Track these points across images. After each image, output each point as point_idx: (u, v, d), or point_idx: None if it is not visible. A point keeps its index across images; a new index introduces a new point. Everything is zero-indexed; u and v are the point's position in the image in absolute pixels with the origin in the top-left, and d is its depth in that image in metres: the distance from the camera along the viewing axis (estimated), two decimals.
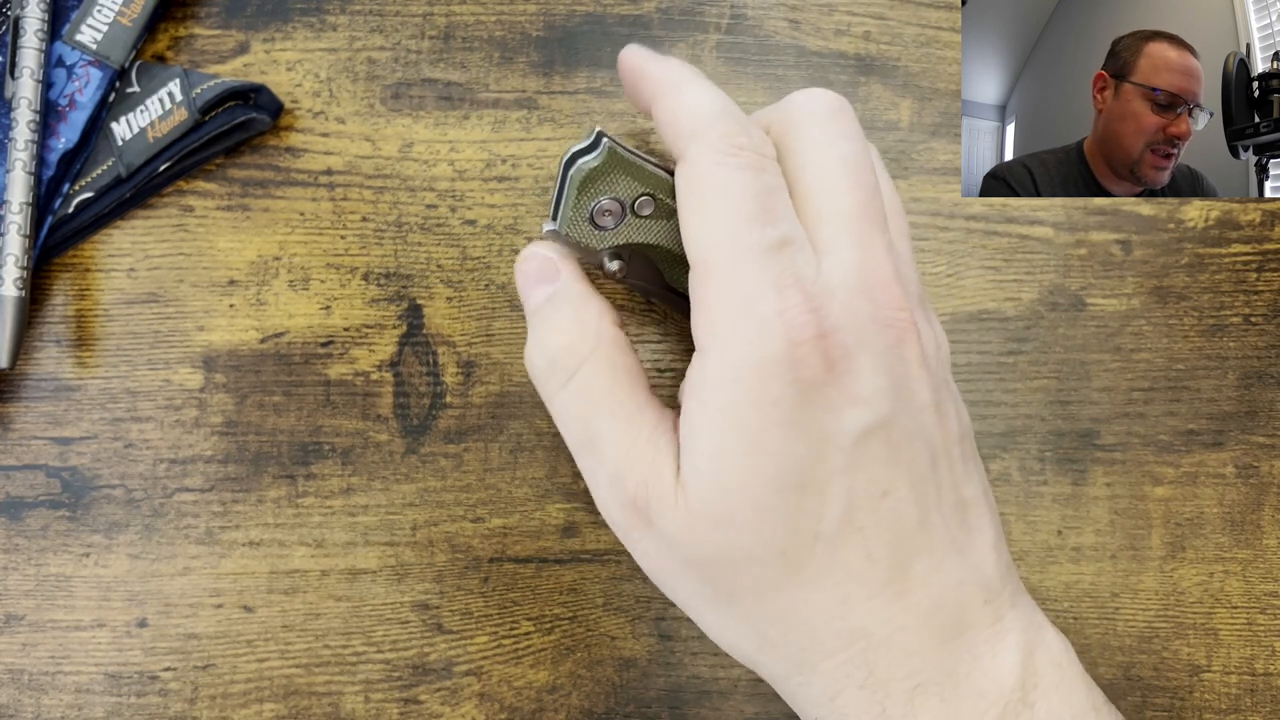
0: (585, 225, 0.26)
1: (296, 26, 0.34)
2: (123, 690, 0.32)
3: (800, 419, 0.23)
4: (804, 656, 0.24)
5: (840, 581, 0.24)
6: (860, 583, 0.24)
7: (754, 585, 0.24)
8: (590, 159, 0.25)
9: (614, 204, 0.26)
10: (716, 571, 0.24)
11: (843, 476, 0.23)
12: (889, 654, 0.24)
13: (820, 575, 0.24)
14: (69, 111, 0.32)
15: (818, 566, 0.24)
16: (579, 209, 0.26)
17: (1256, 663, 0.33)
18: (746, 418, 0.23)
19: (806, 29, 0.34)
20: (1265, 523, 0.33)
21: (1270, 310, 0.34)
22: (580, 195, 0.25)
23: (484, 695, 0.32)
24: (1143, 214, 0.34)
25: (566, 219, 0.26)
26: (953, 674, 0.24)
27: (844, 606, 0.24)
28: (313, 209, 0.33)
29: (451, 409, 0.33)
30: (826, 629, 0.24)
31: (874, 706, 0.24)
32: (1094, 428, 0.33)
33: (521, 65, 0.34)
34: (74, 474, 0.33)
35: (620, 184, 0.26)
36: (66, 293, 0.33)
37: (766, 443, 0.23)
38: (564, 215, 0.26)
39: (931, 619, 0.24)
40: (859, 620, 0.24)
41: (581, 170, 0.25)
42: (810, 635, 0.24)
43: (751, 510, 0.23)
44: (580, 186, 0.25)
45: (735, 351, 0.23)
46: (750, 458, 0.23)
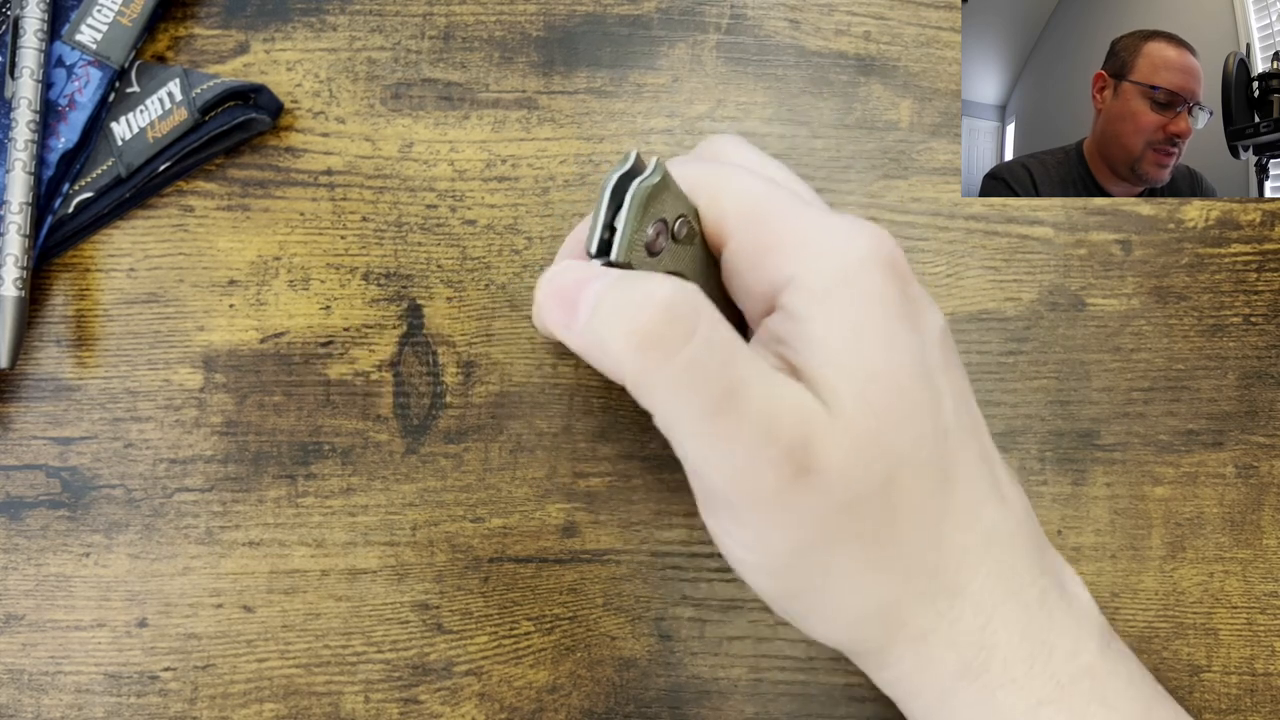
0: (643, 253, 0.24)
1: (296, 27, 0.34)
2: (123, 690, 0.32)
3: (906, 312, 0.23)
4: (957, 577, 0.24)
5: (967, 482, 0.24)
6: (978, 484, 0.24)
7: (913, 500, 0.23)
8: (648, 175, 0.24)
9: (663, 227, 0.24)
10: (881, 499, 0.23)
11: (943, 372, 0.24)
12: (1015, 557, 0.24)
13: (954, 477, 0.24)
14: (69, 111, 0.32)
15: (950, 466, 0.24)
16: (639, 233, 0.24)
17: (1256, 663, 0.33)
18: (871, 315, 0.23)
19: (806, 29, 0.34)
20: (1265, 523, 0.33)
21: (1270, 310, 0.34)
22: (643, 216, 0.24)
23: (484, 695, 0.32)
24: (1143, 214, 0.34)
25: (627, 244, 0.23)
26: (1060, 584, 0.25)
27: (976, 510, 0.24)
28: (313, 209, 0.33)
29: (451, 409, 0.33)
30: (970, 536, 0.24)
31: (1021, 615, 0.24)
32: (1094, 428, 0.33)
33: (521, 65, 0.34)
34: (74, 474, 0.33)
35: (669, 205, 0.24)
36: (66, 293, 0.33)
37: (895, 335, 0.23)
38: (625, 239, 0.23)
39: (1026, 525, 0.25)
40: (989, 522, 0.24)
41: (644, 188, 0.23)
42: (961, 548, 0.24)
43: (905, 407, 0.23)
44: (644, 206, 0.23)
45: (834, 259, 0.23)
46: (888, 352, 0.23)
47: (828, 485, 0.22)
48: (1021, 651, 0.23)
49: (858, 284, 0.23)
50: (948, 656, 0.24)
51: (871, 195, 0.34)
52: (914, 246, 0.34)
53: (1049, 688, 0.23)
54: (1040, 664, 0.23)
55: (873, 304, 0.23)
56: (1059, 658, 0.24)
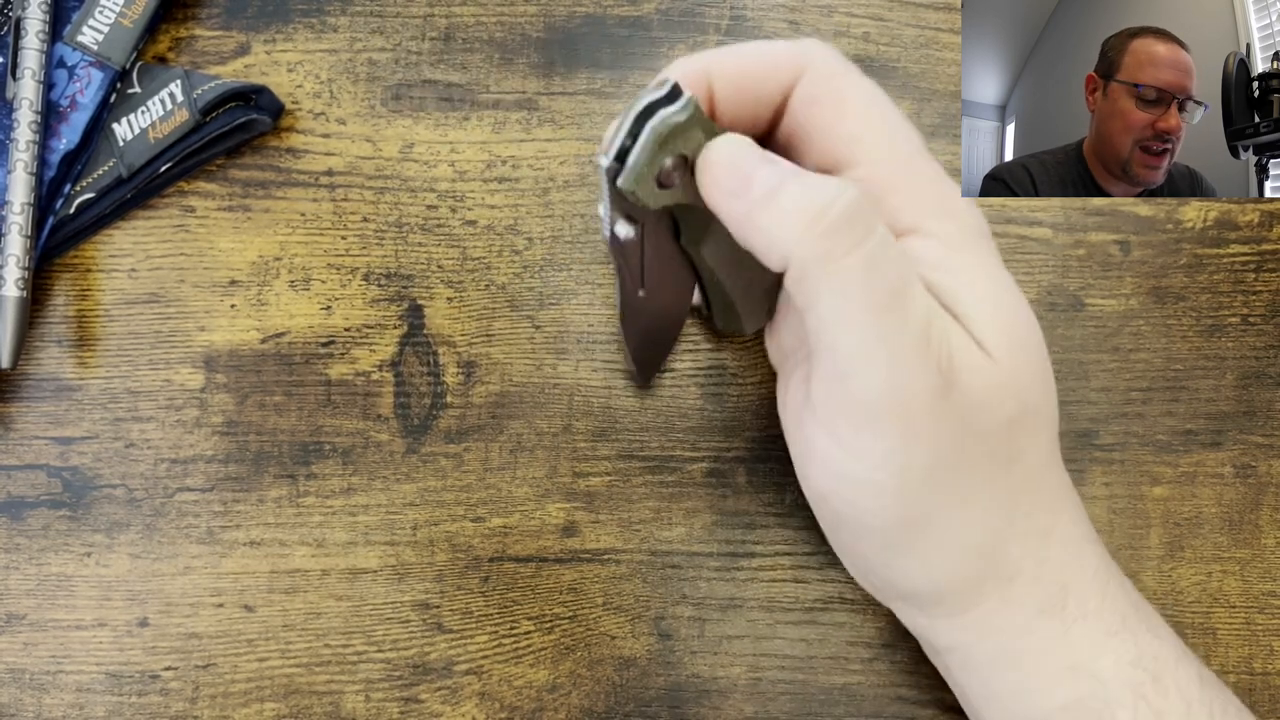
0: (650, 183, 0.24)
1: (297, 28, 0.34)
2: (124, 690, 0.32)
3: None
4: (1050, 519, 0.25)
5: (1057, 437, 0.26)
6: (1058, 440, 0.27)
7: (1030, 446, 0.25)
8: (674, 111, 0.23)
9: (680, 161, 0.24)
10: (1006, 437, 0.24)
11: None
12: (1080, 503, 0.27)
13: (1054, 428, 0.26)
14: (70, 112, 0.32)
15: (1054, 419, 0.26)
16: (652, 165, 0.23)
17: (1255, 662, 0.33)
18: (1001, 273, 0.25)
19: (806, 30, 0.34)
20: (1263, 522, 0.33)
21: (1268, 310, 0.34)
22: (658, 150, 0.23)
23: (484, 694, 0.33)
24: (1141, 214, 0.34)
25: (636, 173, 0.23)
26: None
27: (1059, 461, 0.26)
28: (313, 209, 0.34)
29: (452, 409, 0.33)
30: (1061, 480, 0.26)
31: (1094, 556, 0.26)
32: (1092, 428, 0.33)
33: (521, 66, 0.34)
34: (75, 474, 0.33)
35: (692, 140, 0.24)
36: (68, 293, 0.33)
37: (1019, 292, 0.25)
38: (635, 168, 0.23)
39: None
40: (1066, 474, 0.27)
41: (665, 123, 0.23)
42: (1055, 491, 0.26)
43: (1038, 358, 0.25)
44: (661, 141, 0.23)
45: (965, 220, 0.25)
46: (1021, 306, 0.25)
47: (964, 409, 0.23)
48: (1094, 588, 0.25)
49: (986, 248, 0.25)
50: (1032, 593, 0.25)
51: None
52: None
53: (1115, 620, 0.25)
54: (1109, 599, 0.25)
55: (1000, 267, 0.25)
56: (1121, 594, 0.26)
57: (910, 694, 0.33)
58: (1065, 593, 0.25)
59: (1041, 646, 0.25)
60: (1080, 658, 0.25)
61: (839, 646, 0.33)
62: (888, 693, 0.33)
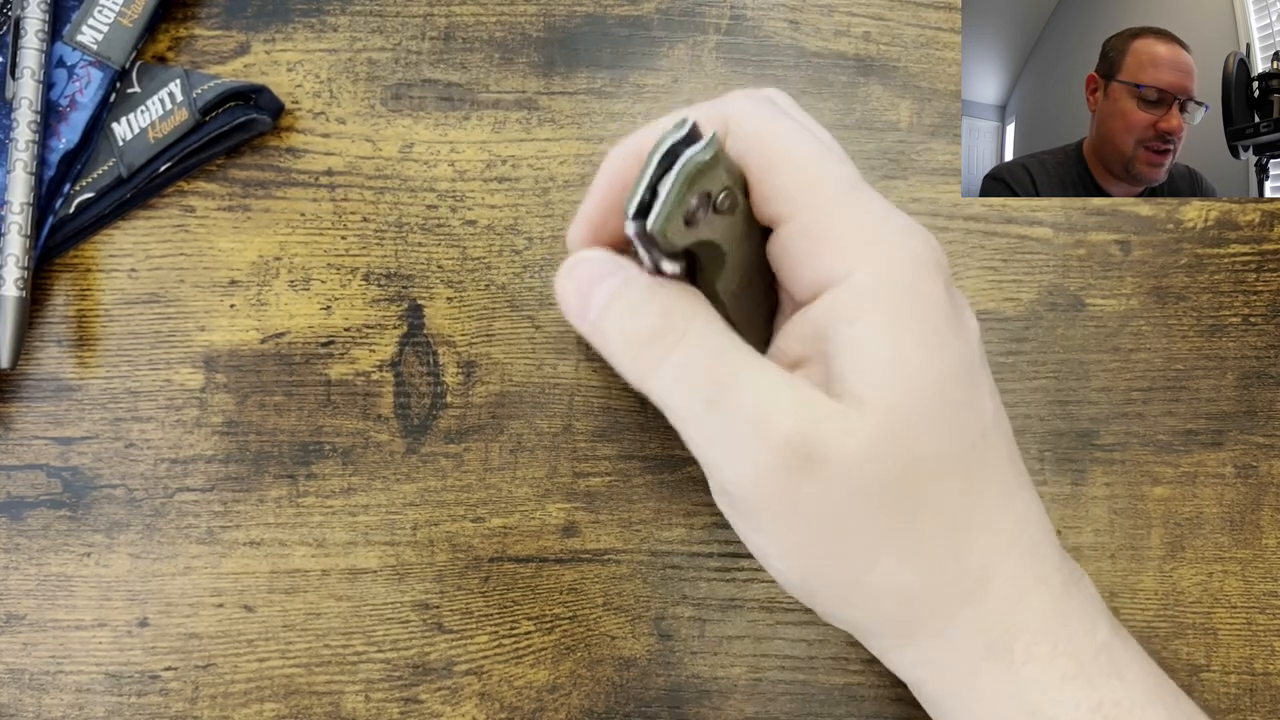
0: (679, 224, 0.24)
1: (297, 27, 0.34)
2: (123, 690, 0.32)
3: (954, 316, 0.24)
4: (989, 561, 0.24)
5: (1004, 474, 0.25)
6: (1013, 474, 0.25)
7: (937, 494, 0.24)
8: (699, 151, 0.23)
9: (705, 199, 0.24)
10: (900, 489, 0.23)
11: (983, 372, 0.25)
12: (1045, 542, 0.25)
13: (991, 470, 0.24)
14: (70, 112, 0.32)
15: (988, 460, 0.24)
16: (679, 205, 0.23)
17: (1256, 662, 0.33)
18: (921, 317, 0.23)
19: (806, 29, 0.34)
20: (1264, 522, 0.33)
21: (1269, 310, 0.34)
22: (686, 190, 0.23)
23: (484, 695, 0.32)
24: (1142, 214, 0.34)
25: (665, 216, 0.23)
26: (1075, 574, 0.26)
27: (1010, 500, 0.25)
28: (313, 209, 0.34)
29: (452, 409, 0.33)
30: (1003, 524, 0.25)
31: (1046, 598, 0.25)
32: (1093, 428, 0.33)
33: (521, 66, 0.34)
34: (75, 474, 0.33)
35: (716, 178, 0.24)
36: (67, 293, 0.33)
37: (942, 338, 0.23)
38: (664, 212, 0.23)
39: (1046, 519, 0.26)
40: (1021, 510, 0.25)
41: (693, 164, 0.23)
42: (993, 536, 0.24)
43: (942, 407, 0.23)
44: (690, 181, 0.23)
45: (890, 262, 0.23)
46: (933, 356, 0.23)
47: (845, 472, 0.23)
48: (1045, 632, 0.24)
49: (912, 289, 0.23)
50: (974, 639, 0.25)
51: None
52: None
53: (1071, 664, 0.24)
54: (1063, 643, 0.24)
55: (926, 310, 0.23)
56: (1080, 637, 0.25)
57: (910, 694, 0.33)
58: (1011, 637, 0.24)
59: (993, 690, 0.25)
60: (1035, 702, 0.24)
61: (840, 647, 0.33)
62: (888, 693, 0.33)
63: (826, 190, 0.24)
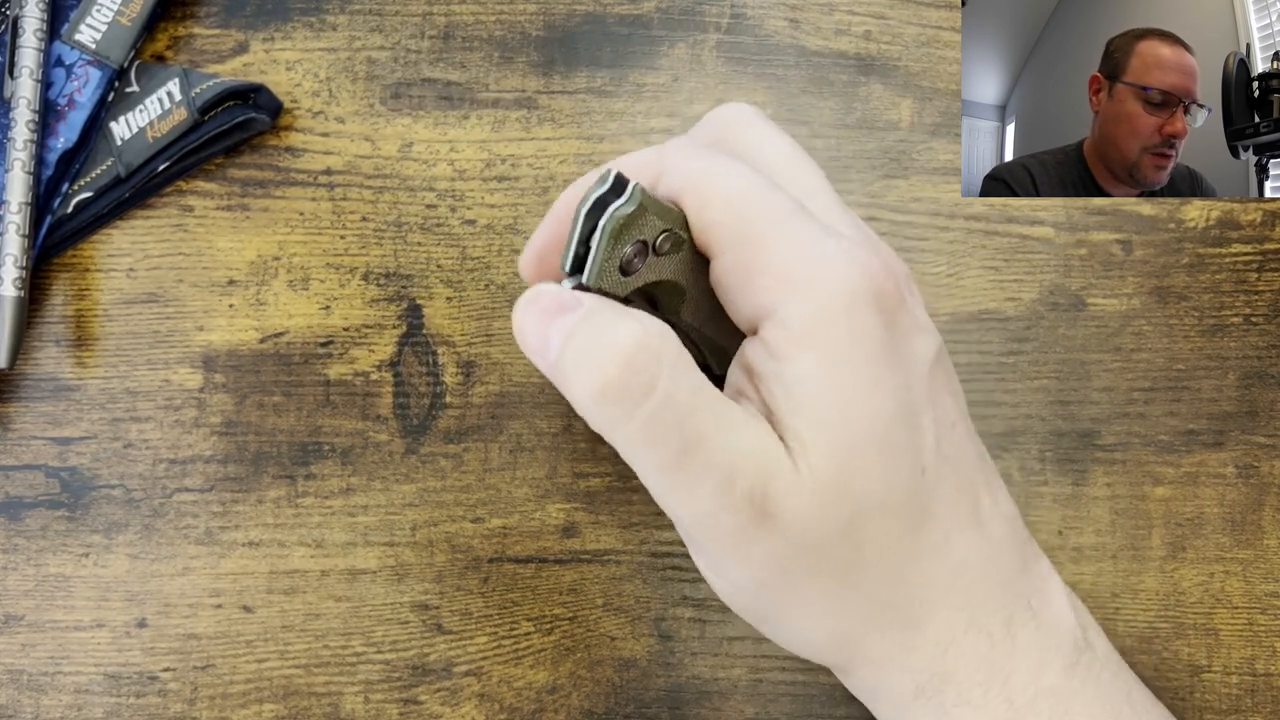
0: (615, 275, 0.24)
1: (296, 26, 0.34)
2: (122, 690, 0.32)
3: (892, 348, 0.23)
4: (918, 611, 0.24)
5: (942, 516, 0.24)
6: (954, 516, 0.24)
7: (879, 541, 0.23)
8: (622, 205, 0.23)
9: (641, 246, 0.24)
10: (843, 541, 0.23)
11: (928, 405, 0.24)
12: (985, 586, 0.25)
13: (928, 513, 0.24)
14: (68, 111, 0.32)
15: (924, 503, 0.24)
16: (611, 259, 0.24)
17: (1257, 663, 0.33)
18: (852, 357, 0.22)
19: (806, 29, 0.34)
20: (1266, 523, 0.33)
21: (1271, 310, 0.34)
22: (615, 244, 0.24)
23: (484, 695, 0.32)
24: (1143, 214, 0.34)
25: (598, 270, 0.24)
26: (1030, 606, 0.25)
27: (948, 543, 0.24)
28: (312, 209, 0.33)
29: (451, 409, 0.33)
30: (938, 570, 0.24)
31: (981, 644, 0.24)
32: (1094, 428, 0.33)
33: (521, 65, 0.34)
34: (73, 474, 0.33)
35: (648, 225, 0.24)
36: (66, 293, 0.33)
37: (877, 377, 0.22)
38: (596, 267, 0.24)
39: (1005, 551, 0.25)
40: (960, 554, 0.24)
41: (616, 219, 0.23)
42: (926, 583, 0.24)
43: (878, 453, 0.23)
44: (615, 235, 0.23)
45: (817, 297, 0.22)
46: (868, 398, 0.22)
47: (785, 531, 0.23)
48: (978, 678, 0.24)
49: (839, 327, 0.22)
50: (904, 680, 0.25)
51: (871, 195, 0.34)
52: (914, 246, 0.34)
53: (1004, 710, 0.24)
54: (996, 689, 0.24)
55: (855, 347, 0.22)
56: (1016, 682, 0.24)
57: None
58: (942, 680, 0.24)
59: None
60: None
61: None
62: None
63: (755, 224, 0.23)
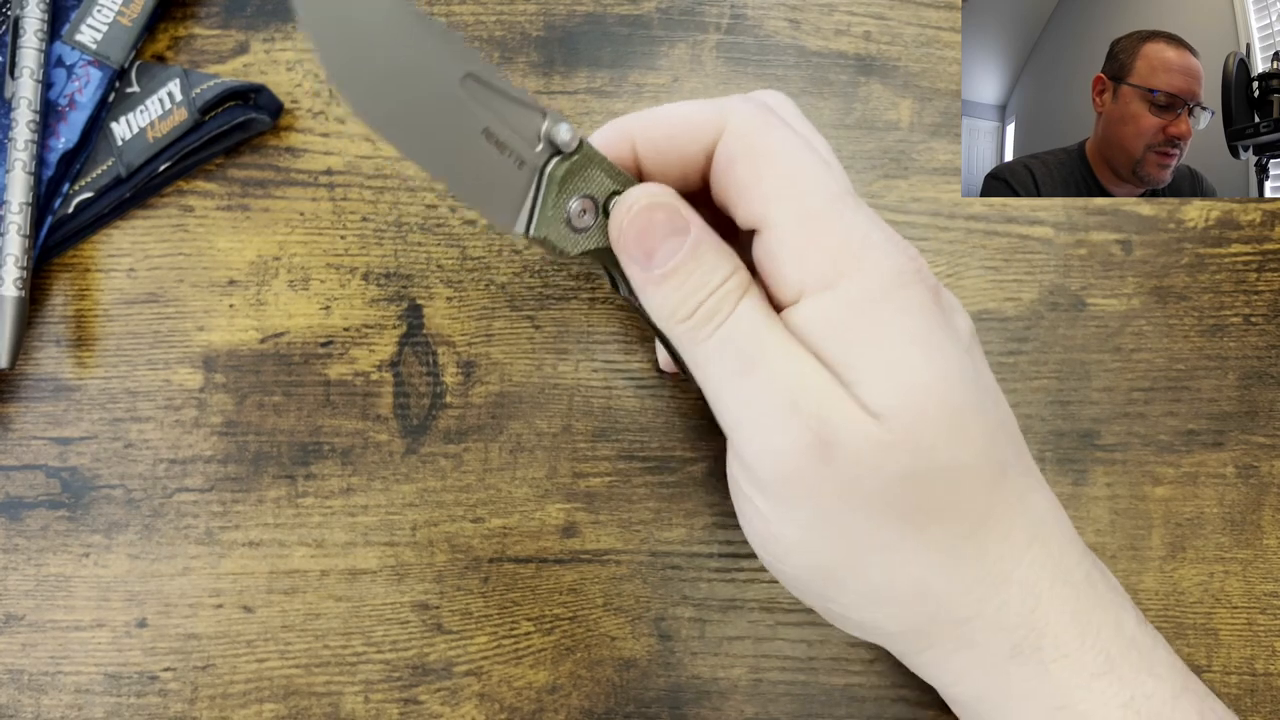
0: (562, 226, 0.25)
1: (296, 26, 0.34)
2: (122, 690, 0.32)
3: (943, 322, 0.24)
4: (1005, 565, 0.24)
5: (1015, 474, 0.25)
6: (1025, 473, 0.25)
7: (950, 498, 0.24)
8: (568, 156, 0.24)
9: (589, 202, 0.25)
10: (911, 492, 0.23)
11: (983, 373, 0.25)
12: (1060, 542, 0.25)
13: (1005, 469, 0.24)
14: (69, 111, 0.32)
15: (1002, 459, 0.24)
16: (557, 208, 0.25)
17: (1257, 663, 0.33)
18: (913, 325, 0.23)
19: (806, 29, 0.34)
20: (1265, 523, 0.33)
21: (1270, 310, 0.34)
22: (560, 192, 0.25)
23: (484, 695, 0.32)
24: (1143, 214, 0.34)
25: (544, 219, 0.25)
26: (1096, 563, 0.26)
27: (1025, 499, 0.25)
28: (312, 209, 0.33)
29: (451, 409, 0.33)
30: (1017, 524, 0.24)
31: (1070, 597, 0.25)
32: (1094, 428, 0.33)
33: (521, 65, 0.34)
34: (74, 474, 0.33)
35: (595, 180, 0.25)
36: (66, 293, 0.33)
37: (937, 343, 0.24)
38: (540, 215, 0.25)
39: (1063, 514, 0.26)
40: (1038, 509, 0.25)
41: (561, 168, 0.24)
42: (1005, 536, 0.24)
43: (946, 412, 0.23)
44: (560, 183, 0.24)
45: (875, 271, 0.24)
46: (931, 360, 0.23)
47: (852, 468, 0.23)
48: (1072, 629, 0.24)
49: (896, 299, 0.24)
50: (997, 639, 0.25)
51: (872, 195, 0.34)
52: (914, 246, 0.34)
53: (1099, 660, 0.24)
54: (1090, 639, 0.24)
55: (913, 318, 0.24)
56: (1107, 632, 0.25)
57: (912, 694, 0.33)
58: (1038, 635, 0.24)
59: (1024, 690, 0.25)
60: (1067, 699, 0.24)
61: (840, 647, 0.33)
62: (889, 694, 0.33)
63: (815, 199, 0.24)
